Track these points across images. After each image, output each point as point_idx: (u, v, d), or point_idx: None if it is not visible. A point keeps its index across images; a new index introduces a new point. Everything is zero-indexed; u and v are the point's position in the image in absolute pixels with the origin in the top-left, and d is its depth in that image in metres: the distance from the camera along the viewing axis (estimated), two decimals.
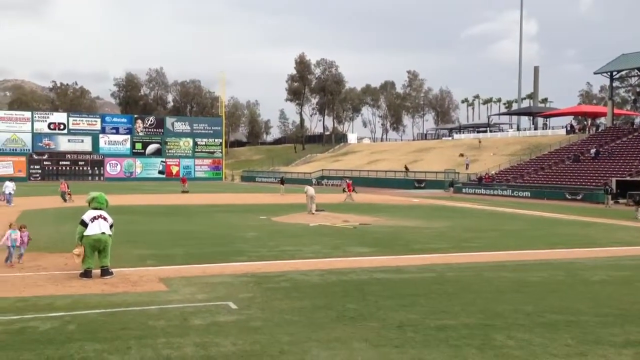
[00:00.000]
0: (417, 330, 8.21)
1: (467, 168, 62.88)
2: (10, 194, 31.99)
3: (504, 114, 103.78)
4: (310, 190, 28.80)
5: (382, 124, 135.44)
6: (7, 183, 32.88)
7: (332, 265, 13.65)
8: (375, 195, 47.24)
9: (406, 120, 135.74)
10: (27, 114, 79.39)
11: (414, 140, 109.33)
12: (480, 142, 75.10)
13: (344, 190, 45.25)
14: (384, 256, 15.32)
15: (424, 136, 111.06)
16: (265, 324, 8.44)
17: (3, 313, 8.93)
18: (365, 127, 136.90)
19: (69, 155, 78.04)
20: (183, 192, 48.01)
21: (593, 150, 52.70)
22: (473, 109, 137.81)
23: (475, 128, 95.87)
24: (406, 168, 67.39)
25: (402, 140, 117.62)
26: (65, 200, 34.56)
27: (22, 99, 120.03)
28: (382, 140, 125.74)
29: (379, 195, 48.36)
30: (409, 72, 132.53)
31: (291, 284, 11.50)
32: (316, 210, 27.76)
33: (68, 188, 35.93)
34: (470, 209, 33.74)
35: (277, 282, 11.59)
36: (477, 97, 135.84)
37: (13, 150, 75.94)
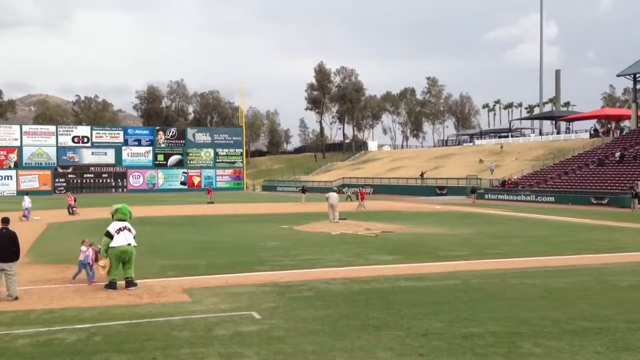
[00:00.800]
0: (443, 339, 8.12)
1: (491, 173, 62.39)
2: (27, 208, 31.70)
3: (525, 118, 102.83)
4: (332, 197, 28.24)
5: (402, 131, 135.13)
6: (26, 197, 32.70)
7: (355, 274, 13.60)
8: (397, 203, 47.03)
9: (426, 126, 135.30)
10: (52, 128, 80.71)
11: (434, 146, 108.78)
12: (502, 147, 74.46)
13: (352, 199, 45.07)
14: (406, 264, 15.22)
15: (444, 142, 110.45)
16: (289, 334, 8.42)
17: (31, 325, 9.05)
18: (385, 134, 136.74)
19: (92, 168, 79.09)
20: (209, 203, 48.27)
21: (618, 154, 51.90)
22: (494, 114, 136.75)
23: (497, 133, 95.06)
24: (422, 175, 67.05)
25: (422, 146, 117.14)
26: (70, 213, 34.34)
27: (47, 113, 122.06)
28: (402, 147, 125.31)
29: (400, 202, 48.13)
30: (428, 78, 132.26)
31: (314, 293, 11.47)
32: (339, 219, 27.45)
33: (75, 201, 35.81)
34: (493, 215, 33.40)
35: (300, 291, 11.57)
36: (498, 102, 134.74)
37: (38, 164, 77.21)
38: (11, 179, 75.23)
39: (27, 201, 32.09)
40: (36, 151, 77.32)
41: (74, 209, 34.90)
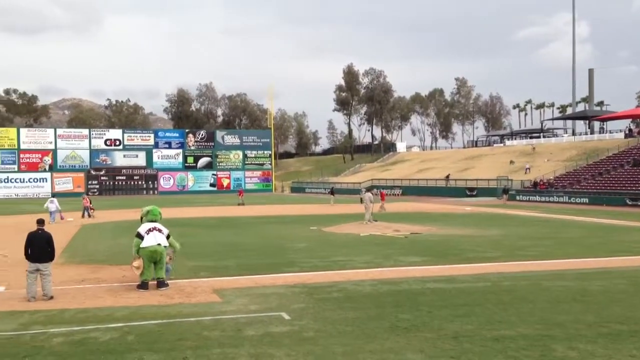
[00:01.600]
0: (474, 341, 8.03)
1: (526, 172, 61.62)
2: (53, 212, 31.09)
3: (558, 118, 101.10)
4: (366, 196, 27.94)
5: (431, 132, 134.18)
6: (54, 199, 32.02)
7: (384, 275, 13.55)
8: (426, 204, 46.70)
9: (456, 127, 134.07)
10: (85, 132, 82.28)
11: (464, 147, 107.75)
12: (534, 148, 73.41)
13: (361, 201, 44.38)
14: (436, 265, 15.11)
15: (474, 143, 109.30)
16: (319, 335, 8.43)
17: (65, 324, 9.24)
18: (414, 135, 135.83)
19: (124, 170, 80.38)
20: (239, 204, 48.58)
21: None
22: (525, 114, 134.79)
23: (528, 134, 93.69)
24: (447, 177, 66.49)
25: (452, 148, 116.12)
26: (85, 215, 33.91)
27: (80, 116, 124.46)
28: (431, 148, 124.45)
29: (430, 204, 47.78)
30: (457, 79, 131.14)
31: (343, 294, 11.46)
32: (371, 220, 27.02)
33: (90, 203, 35.35)
34: (525, 217, 32.93)
35: (329, 293, 11.57)
36: (529, 102, 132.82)
37: (72, 166, 78.80)
38: (46, 181, 76.92)
39: (51, 202, 31.47)
40: (70, 154, 78.92)
41: (92, 210, 34.56)
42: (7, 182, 75.37)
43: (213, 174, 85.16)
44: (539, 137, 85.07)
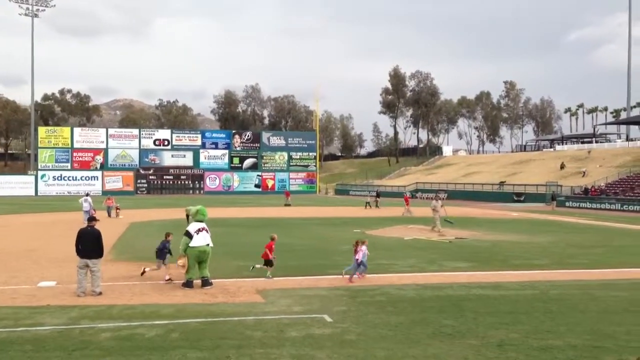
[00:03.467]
0: (519, 350, 7.84)
1: (583, 176, 60.06)
2: (86, 210, 29.45)
3: (611, 123, 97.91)
4: (435, 203, 26.20)
5: (478, 136, 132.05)
6: (88, 198, 30.90)
7: (428, 280, 13.38)
8: (471, 209, 45.94)
9: (504, 131, 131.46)
10: (135, 131, 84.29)
11: (512, 152, 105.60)
12: (589, 151, 71.47)
13: (371, 205, 43.36)
14: (481, 271, 14.83)
15: (523, 148, 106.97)
16: (361, 338, 8.38)
17: (113, 319, 9.46)
18: (460, 139, 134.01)
19: (172, 170, 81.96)
20: (286, 205, 48.85)
21: None
22: (577, 118, 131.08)
23: (580, 139, 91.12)
24: (501, 184, 65.23)
25: (499, 152, 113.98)
26: (110, 215, 33.13)
27: (131, 117, 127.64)
28: (478, 152, 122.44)
29: (475, 208, 46.97)
30: (505, 82, 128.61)
31: (386, 298, 11.37)
32: (438, 228, 25.13)
33: (115, 202, 34.60)
34: (574, 224, 32.01)
35: (372, 296, 11.50)
36: (581, 106, 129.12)
37: (122, 165, 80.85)
38: (97, 179, 79.14)
39: (85, 201, 30.38)
40: (120, 153, 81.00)
41: (118, 210, 33.94)
42: (61, 179, 77.89)
43: (258, 175, 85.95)
44: (591, 142, 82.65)
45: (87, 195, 32.08)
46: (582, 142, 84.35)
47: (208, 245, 12.43)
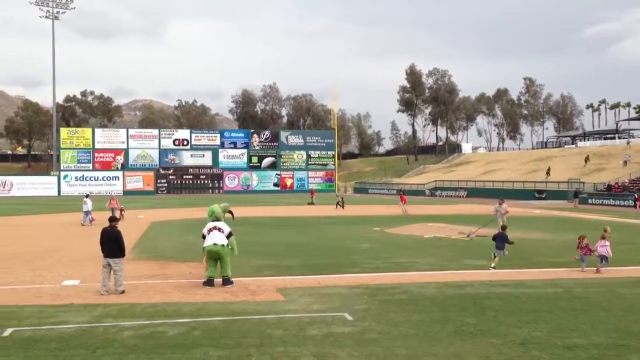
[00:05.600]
0: (543, 349, 7.76)
1: (625, 165, 59.59)
2: (87, 212, 28.92)
3: (635, 119, 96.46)
4: (497, 207, 24.57)
5: (497, 133, 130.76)
6: (87, 200, 29.83)
7: (448, 278, 13.31)
8: (492, 207, 45.51)
9: (524, 128, 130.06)
10: (155, 132, 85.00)
11: (532, 149, 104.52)
12: (629, 142, 71.16)
13: (341, 206, 41.64)
14: (503, 269, 14.70)
15: (544, 144, 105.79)
16: (381, 337, 8.37)
17: (135, 318, 9.56)
18: (480, 136, 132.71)
19: (191, 170, 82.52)
20: (309, 204, 48.90)
21: None
22: (599, 114, 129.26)
23: (602, 135, 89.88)
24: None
25: (519, 149, 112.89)
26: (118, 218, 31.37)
27: (151, 117, 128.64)
28: (498, 149, 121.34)
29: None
30: (525, 78, 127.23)
31: (406, 296, 11.33)
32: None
33: (119, 204, 33.19)
34: (597, 221, 31.57)
35: (392, 295, 11.47)
36: (603, 102, 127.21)
37: (143, 165, 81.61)
38: (118, 179, 79.98)
39: (89, 204, 29.36)
40: (141, 153, 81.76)
41: (122, 212, 31.84)
42: (83, 180, 78.85)
43: (277, 174, 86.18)
44: (613, 138, 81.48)
45: (87, 196, 31.02)
46: (605, 139, 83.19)
47: (216, 244, 12.36)
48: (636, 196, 46.07)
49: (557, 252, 18.29)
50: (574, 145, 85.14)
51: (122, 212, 32.07)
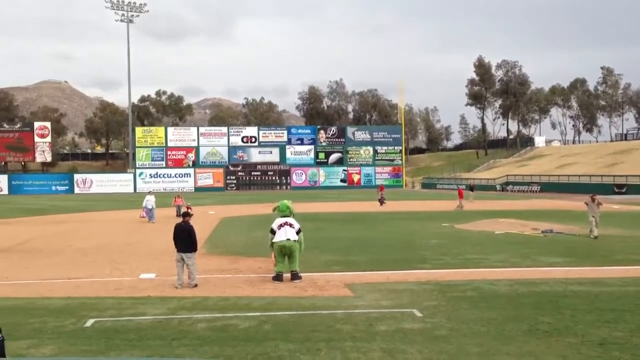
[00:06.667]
0: (624, 350, 7.42)
1: None
2: (151, 209, 29.10)
3: None
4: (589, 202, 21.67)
5: (573, 125, 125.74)
6: (148, 197, 29.89)
7: (522, 275, 12.93)
8: (567, 202, 43.95)
9: (602, 120, 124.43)
10: (224, 129, 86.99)
11: (611, 141, 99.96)
12: None
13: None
14: (580, 267, 14.15)
15: (623, 137, 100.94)
16: (452, 334, 8.23)
17: (208, 310, 9.82)
18: (554, 129, 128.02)
19: (259, 166, 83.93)
20: (380, 200, 48.75)
21: None
22: None
23: None
24: None
25: (597, 141, 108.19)
26: (179, 215, 29.56)
27: (220, 115, 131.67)
28: (573, 142, 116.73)
29: (571, 201, 44.87)
30: (602, 68, 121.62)
31: (477, 293, 11.09)
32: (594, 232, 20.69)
33: (184, 201, 32.18)
34: None
35: (463, 291, 11.25)
36: None
37: (212, 162, 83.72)
38: (190, 176, 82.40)
39: (151, 201, 29.37)
40: (210, 151, 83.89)
41: (190, 210, 31.18)
42: (156, 177, 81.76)
43: (344, 170, 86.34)
44: None
45: (150, 193, 31.44)
46: None
47: (289, 239, 12.54)
48: None
49: (639, 249, 17.41)
50: None
51: (190, 210, 32.07)
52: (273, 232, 12.73)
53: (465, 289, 11.50)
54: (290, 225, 12.78)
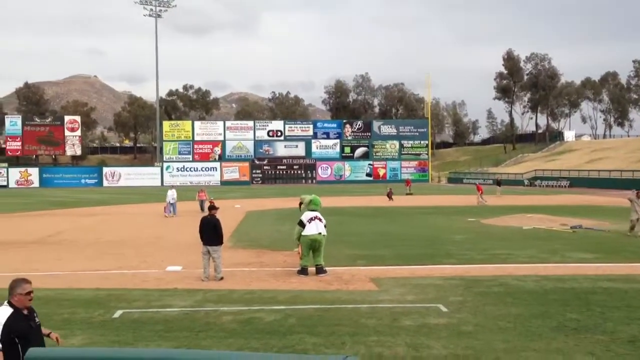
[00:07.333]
0: None
1: None
2: (173, 203, 29.23)
3: None
4: (632, 197, 20.42)
5: (604, 119, 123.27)
6: (170, 191, 30.04)
7: (549, 271, 12.75)
8: (596, 197, 43.19)
9: (633, 114, 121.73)
10: (250, 123, 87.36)
11: None
12: None
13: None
14: (610, 263, 13.89)
15: None
16: (478, 329, 8.16)
17: (234, 303, 9.90)
18: (584, 123, 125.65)
19: (285, 160, 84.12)
20: (407, 194, 48.67)
21: None
22: None
23: None
24: None
25: (628, 136, 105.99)
26: (203, 209, 28.65)
27: (246, 109, 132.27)
28: (604, 137, 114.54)
29: (601, 197, 44.10)
30: (634, 61, 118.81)
31: (504, 289, 10.97)
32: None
33: (208, 196, 31.65)
34: None
35: (489, 287, 11.15)
36: None
37: (238, 156, 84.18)
38: (216, 170, 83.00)
39: (170, 195, 29.52)
40: (237, 145, 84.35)
41: (213, 203, 30.01)
42: (183, 170, 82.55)
43: (369, 164, 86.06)
44: None
45: (172, 187, 31.63)
46: None
47: (320, 233, 12.60)
48: None
49: None
50: None
51: (213, 203, 31.86)
52: (302, 225, 12.71)
53: (492, 284, 11.39)
54: (320, 219, 12.81)
